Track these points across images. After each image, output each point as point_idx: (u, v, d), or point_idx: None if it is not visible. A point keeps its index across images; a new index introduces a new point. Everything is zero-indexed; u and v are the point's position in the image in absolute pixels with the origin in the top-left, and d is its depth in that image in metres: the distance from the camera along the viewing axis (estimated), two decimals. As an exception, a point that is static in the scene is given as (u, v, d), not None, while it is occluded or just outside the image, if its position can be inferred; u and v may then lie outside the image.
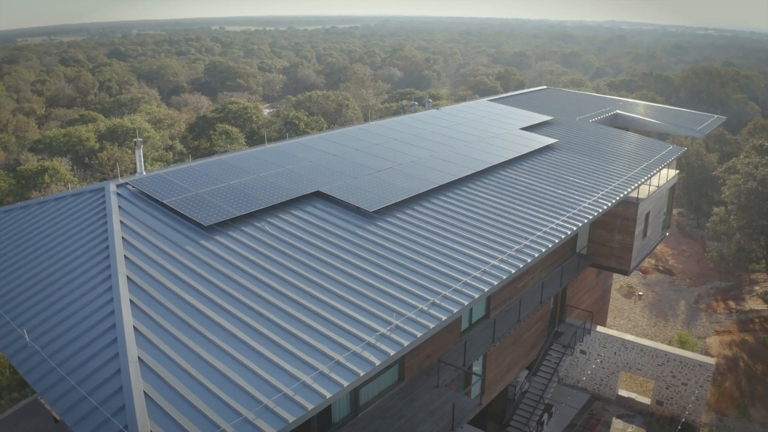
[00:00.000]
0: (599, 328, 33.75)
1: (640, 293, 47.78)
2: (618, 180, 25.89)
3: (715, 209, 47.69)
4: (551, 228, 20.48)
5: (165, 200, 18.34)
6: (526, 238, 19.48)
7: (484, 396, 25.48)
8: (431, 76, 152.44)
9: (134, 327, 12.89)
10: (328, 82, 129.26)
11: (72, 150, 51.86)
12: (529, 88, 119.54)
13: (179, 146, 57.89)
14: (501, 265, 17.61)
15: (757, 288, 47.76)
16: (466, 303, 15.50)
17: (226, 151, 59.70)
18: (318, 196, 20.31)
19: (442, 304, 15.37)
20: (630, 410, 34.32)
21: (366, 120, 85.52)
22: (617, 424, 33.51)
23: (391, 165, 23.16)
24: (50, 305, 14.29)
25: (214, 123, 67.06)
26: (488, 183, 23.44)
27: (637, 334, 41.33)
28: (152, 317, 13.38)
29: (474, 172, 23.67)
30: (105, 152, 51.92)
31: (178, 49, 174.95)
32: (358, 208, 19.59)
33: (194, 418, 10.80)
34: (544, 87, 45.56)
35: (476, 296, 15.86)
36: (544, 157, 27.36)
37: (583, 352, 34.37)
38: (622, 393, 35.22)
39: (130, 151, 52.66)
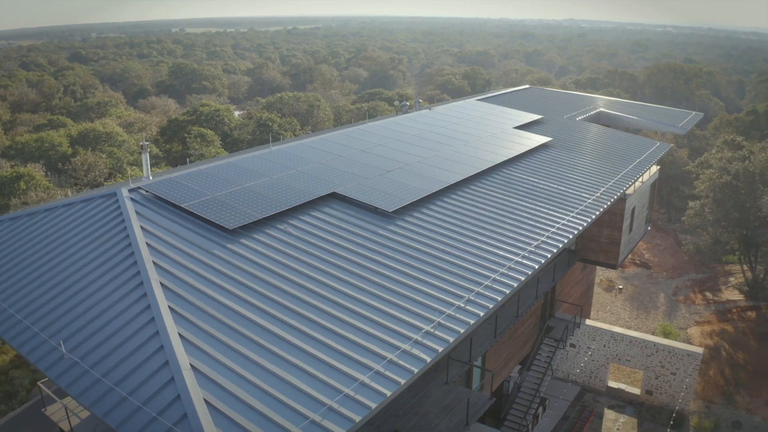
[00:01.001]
0: (588, 321, 34.42)
1: (620, 287, 48.82)
2: (614, 176, 26.44)
3: (690, 203, 48.98)
4: (563, 225, 20.81)
5: (183, 204, 18.02)
6: (542, 235, 19.75)
7: (483, 391, 25.75)
8: (397, 76, 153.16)
9: (179, 334, 12.63)
10: (294, 83, 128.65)
11: (45, 155, 50.47)
12: (494, 86, 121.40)
13: (155, 150, 56.80)
14: (525, 261, 17.84)
15: (731, 279, 49.26)
16: (499, 298, 15.71)
17: (202, 155, 58.96)
18: (333, 197, 20.23)
19: (477, 300, 15.54)
20: (620, 401, 35.06)
21: (337, 121, 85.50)
22: (609, 414, 34.21)
23: (398, 165, 23.19)
24: (80, 315, 13.88)
25: (185, 126, 66.12)
26: (494, 182, 23.68)
27: (620, 326, 42.17)
28: (195, 323, 13.14)
29: (479, 171, 23.89)
30: (78, 157, 50.69)
31: (139, 52, 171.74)
32: (376, 208, 19.57)
33: (260, 423, 10.67)
34: (527, 86, 46.18)
35: (508, 291, 16.07)
36: (541, 155, 27.75)
37: (572, 345, 34.99)
38: (612, 384, 35.96)
39: (104, 156, 51.54)
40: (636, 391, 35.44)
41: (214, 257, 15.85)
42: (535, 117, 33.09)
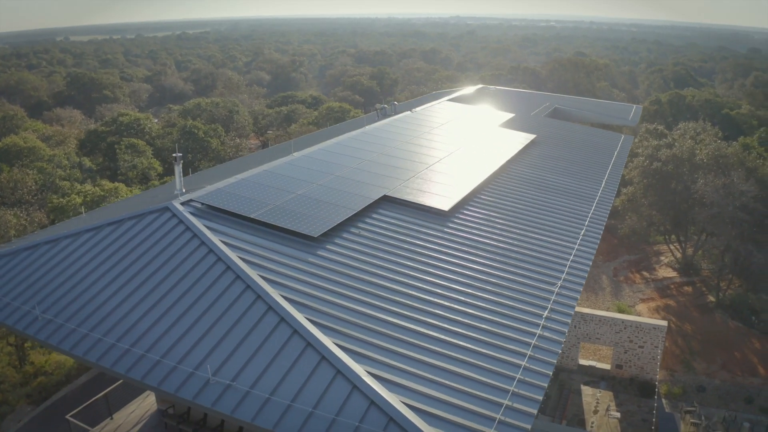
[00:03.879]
0: (559, 305, 36.32)
1: (567, 272, 51.56)
2: (605, 169, 28.25)
3: (623, 189, 52.56)
4: (592, 217, 22.12)
5: (252, 214, 17.56)
6: (581, 227, 20.94)
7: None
8: (299, 79, 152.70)
9: (336, 344, 12.52)
10: (197, 88, 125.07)
11: (-37, 174, 46.38)
12: (400, 86, 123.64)
13: (88, 162, 53.67)
14: (582, 248, 18.92)
15: (662, 258, 53.41)
16: (578, 294, 16.65)
17: (134, 166, 56.31)
18: (385, 200, 20.39)
19: (564, 292, 16.36)
20: (593, 377, 37.31)
21: (256, 124, 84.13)
22: (586, 390, 36.35)
23: (425, 166, 23.68)
24: (202, 337, 13.26)
25: (105, 137, 63.00)
26: (513, 179, 24.69)
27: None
28: (341, 332, 13.06)
29: (497, 169, 24.79)
30: (4, 174, 47.09)
31: (28, 63, 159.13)
32: (430, 207, 19.96)
33: (459, 414, 10.97)
34: (480, 86, 47.78)
35: (585, 275, 17.07)
36: (534, 152, 29.12)
37: (545, 329, 36.78)
38: (582, 362, 38.17)
39: (32, 172, 48.10)
40: (606, 366, 37.80)
41: (315, 266, 15.67)
42: (510, 115, 34.56)
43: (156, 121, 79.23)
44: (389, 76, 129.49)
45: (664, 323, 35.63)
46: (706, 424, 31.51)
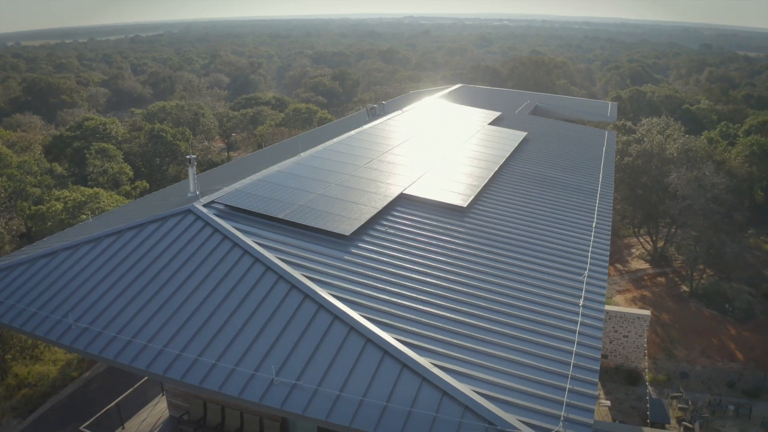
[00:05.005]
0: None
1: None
2: (598, 163, 29.01)
3: (597, 185, 53.79)
4: (599, 209, 22.74)
5: (279, 215, 17.50)
6: (591, 220, 21.53)
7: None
8: (258, 80, 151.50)
9: (397, 339, 12.66)
10: (155, 92, 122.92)
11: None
12: (362, 86, 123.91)
13: (59, 168, 52.18)
14: (597, 240, 19.48)
15: (633, 251, 54.96)
16: (605, 282, 17.15)
17: (105, 171, 55.00)
18: (402, 197, 20.57)
19: (592, 281, 16.84)
20: (580, 368, 38.27)
21: (221, 127, 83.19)
22: (575, 382, 37.25)
23: (430, 164, 23.93)
24: (255, 339, 13.15)
25: (71, 142, 61.46)
26: (517, 175, 25.17)
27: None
28: (397, 327, 13.20)
29: (500, 165, 25.24)
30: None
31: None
32: (449, 204, 20.23)
33: (533, 401, 11.27)
34: (460, 85, 48.32)
35: (607, 266, 17.58)
36: (530, 148, 29.70)
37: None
38: (569, 354, 39.10)
39: (1, 179, 46.61)
40: (592, 357, 38.77)
41: (354, 264, 15.76)
42: (497, 114, 35.11)
43: (122, 125, 77.47)
44: (351, 77, 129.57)
45: (648, 312, 36.76)
46: (693, 409, 32.64)
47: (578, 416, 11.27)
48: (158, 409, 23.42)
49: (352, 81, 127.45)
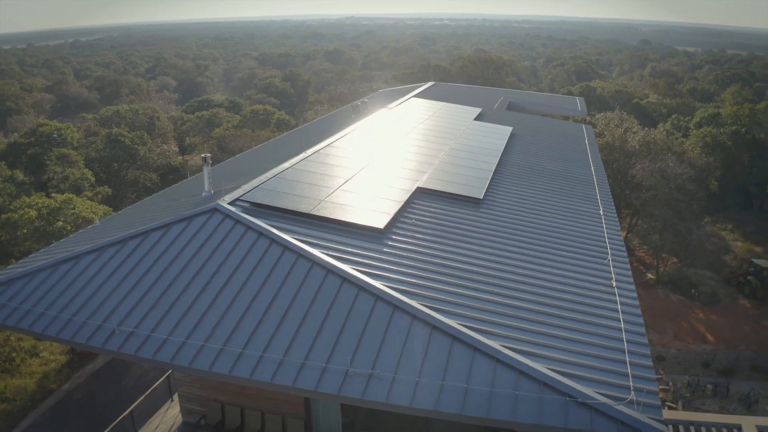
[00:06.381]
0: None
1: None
2: (587, 154, 30.00)
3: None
4: (600, 197, 23.61)
5: (307, 210, 17.47)
6: (596, 207, 22.33)
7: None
8: (206, 83, 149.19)
9: (463, 325, 12.96)
10: (102, 96, 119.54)
11: None
12: (313, 87, 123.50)
13: (20, 176, 50.27)
14: (609, 226, 20.25)
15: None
16: (628, 263, 17.90)
17: (66, 177, 53.25)
18: (419, 191, 20.86)
19: (617, 264, 17.54)
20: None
21: (176, 130, 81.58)
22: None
23: (436, 159, 24.32)
24: (318, 334, 13.06)
25: (26, 149, 59.44)
26: (518, 167, 25.82)
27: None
28: (459, 314, 13.50)
29: (499, 158, 25.84)
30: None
31: None
32: (466, 196, 20.64)
33: (607, 375, 11.90)
34: (432, 83, 48.84)
35: (625, 249, 18.37)
36: (520, 142, 30.43)
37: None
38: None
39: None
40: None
41: (396, 255, 15.95)
42: (478, 110, 35.79)
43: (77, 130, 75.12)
44: (301, 78, 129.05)
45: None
46: (674, 389, 34.10)
47: (644, 385, 11.86)
48: (170, 415, 22.99)
49: (303, 82, 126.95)
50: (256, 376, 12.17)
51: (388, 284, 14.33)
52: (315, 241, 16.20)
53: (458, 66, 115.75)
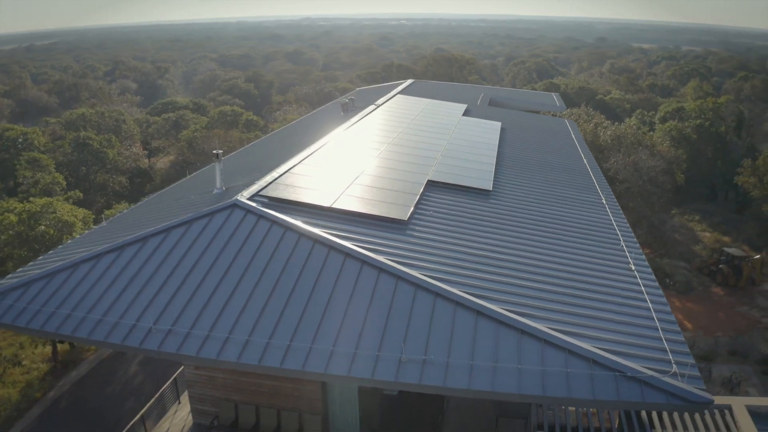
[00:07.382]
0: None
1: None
2: (576, 147, 30.79)
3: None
4: (599, 187, 24.32)
5: (328, 204, 17.61)
6: (599, 197, 23.02)
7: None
8: (166, 85, 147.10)
9: (504, 309, 13.33)
10: (62, 101, 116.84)
11: None
12: (277, 87, 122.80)
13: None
14: (614, 214, 20.95)
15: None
16: (639, 248, 18.57)
17: (36, 182, 51.94)
18: (430, 184, 21.18)
19: (631, 251, 18.20)
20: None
21: (143, 133, 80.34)
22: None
23: (438, 153, 24.71)
24: (363, 324, 13.17)
25: (-10, 153, 57.92)
26: (518, 161, 26.38)
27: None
28: (501, 300, 13.88)
29: (497, 152, 26.38)
30: None
31: None
32: (476, 188, 21.06)
33: (654, 353, 12.48)
34: (412, 80, 49.14)
35: (634, 236, 19.08)
36: (511, 137, 31.01)
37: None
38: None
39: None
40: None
41: (424, 245, 16.22)
42: (464, 106, 36.28)
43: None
44: (264, 78, 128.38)
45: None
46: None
47: (682, 359, 12.45)
48: (179, 417, 22.74)
49: (266, 83, 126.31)
50: (330, 370, 12.29)
51: (425, 273, 14.59)
52: (341, 234, 16.35)
53: (422, 65, 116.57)
